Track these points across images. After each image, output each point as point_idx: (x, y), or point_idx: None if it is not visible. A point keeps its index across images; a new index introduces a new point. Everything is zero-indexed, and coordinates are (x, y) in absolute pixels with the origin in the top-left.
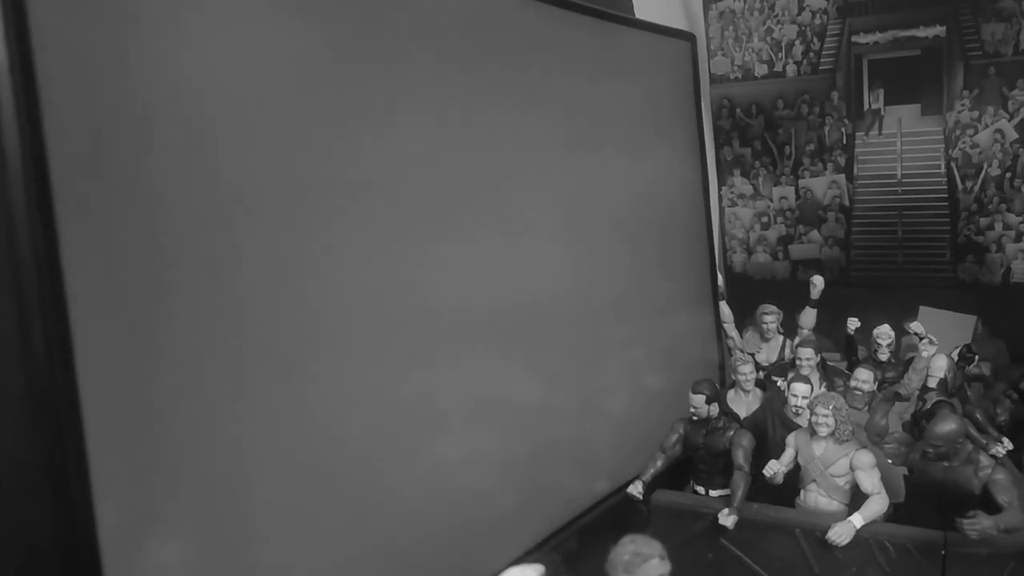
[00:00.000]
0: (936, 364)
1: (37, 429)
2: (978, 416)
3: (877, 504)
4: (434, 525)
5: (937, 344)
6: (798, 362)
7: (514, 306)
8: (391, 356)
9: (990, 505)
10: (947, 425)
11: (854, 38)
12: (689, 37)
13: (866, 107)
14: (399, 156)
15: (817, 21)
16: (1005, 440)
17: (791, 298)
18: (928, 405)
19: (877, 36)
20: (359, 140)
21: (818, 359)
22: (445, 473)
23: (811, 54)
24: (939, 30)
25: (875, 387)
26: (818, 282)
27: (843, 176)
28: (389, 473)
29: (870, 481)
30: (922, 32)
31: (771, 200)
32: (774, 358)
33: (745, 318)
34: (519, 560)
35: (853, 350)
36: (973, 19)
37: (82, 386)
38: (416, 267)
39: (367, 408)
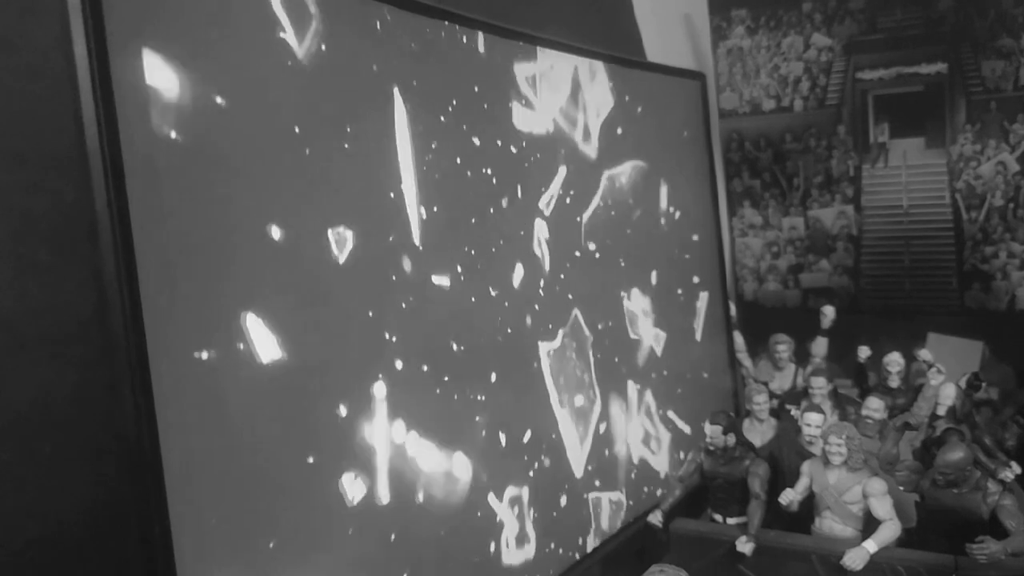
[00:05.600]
0: (945, 392)
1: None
2: (987, 441)
3: (890, 530)
4: (457, 553)
5: (945, 373)
6: (811, 391)
7: (532, 333)
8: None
9: (998, 530)
10: (956, 454)
11: (859, 74)
12: (699, 76)
13: (872, 140)
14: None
15: (823, 58)
16: (1014, 464)
17: (802, 326)
18: (938, 433)
19: (881, 72)
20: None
21: (830, 387)
22: (473, 500)
23: (817, 90)
24: (941, 67)
25: (886, 415)
26: (829, 312)
27: (851, 206)
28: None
29: (883, 508)
30: (924, 69)
31: (781, 230)
32: (787, 386)
33: (756, 346)
34: None
35: (864, 378)
36: (974, 56)
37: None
38: (456, 295)
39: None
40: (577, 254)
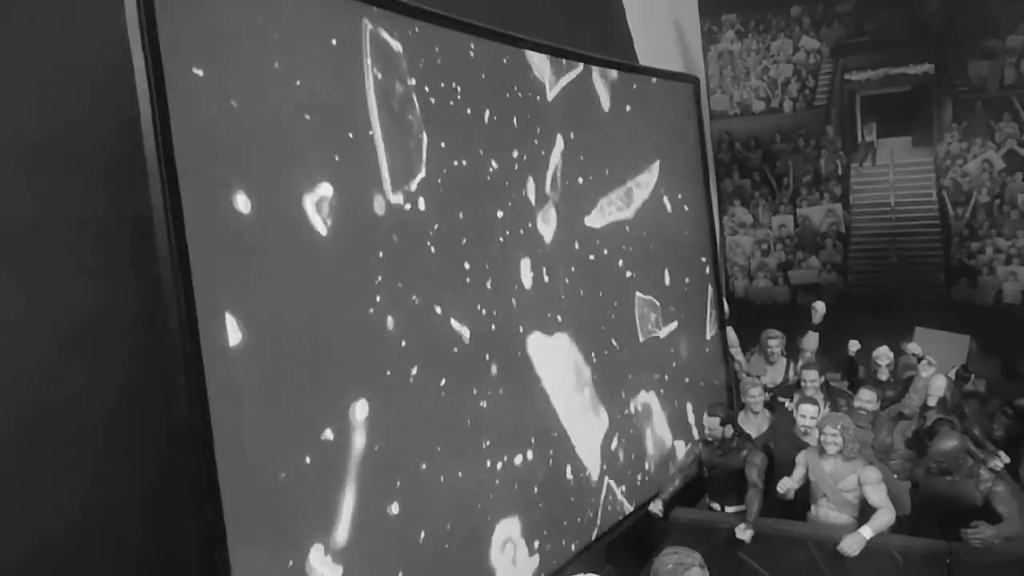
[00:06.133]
0: (935, 384)
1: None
2: (976, 432)
3: (885, 517)
4: (464, 539)
5: (935, 365)
6: (803, 384)
7: (537, 331)
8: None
9: (991, 516)
10: (948, 442)
11: (847, 76)
12: (693, 80)
13: (860, 140)
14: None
15: (811, 60)
16: (1002, 454)
17: (791, 321)
18: (929, 423)
19: (869, 74)
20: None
21: (822, 380)
22: (478, 491)
23: (806, 91)
24: (928, 67)
25: (878, 406)
26: (820, 308)
27: (839, 205)
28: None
29: (878, 495)
30: (912, 69)
31: (771, 228)
32: (779, 380)
33: (747, 342)
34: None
35: (854, 371)
36: (959, 57)
37: None
38: (452, 293)
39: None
40: (580, 252)
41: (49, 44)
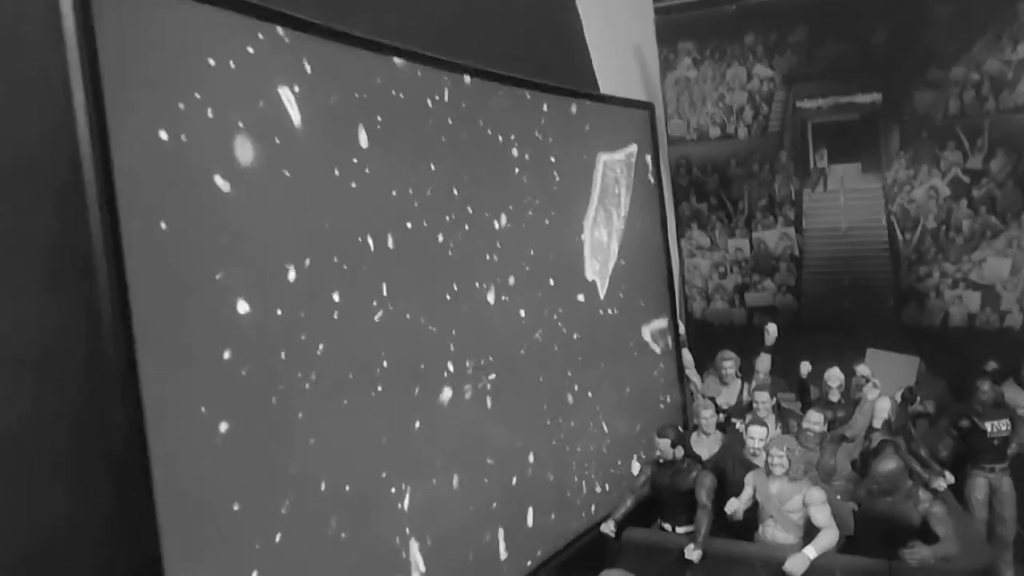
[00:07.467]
0: (880, 406)
1: None
2: (922, 452)
3: (828, 537)
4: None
5: (880, 387)
6: (755, 405)
7: (491, 352)
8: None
9: (930, 536)
10: (888, 464)
11: (799, 103)
12: (648, 106)
13: (811, 166)
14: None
15: (765, 88)
16: (947, 474)
17: (748, 342)
18: (874, 445)
19: (820, 102)
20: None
21: (773, 402)
22: (427, 512)
23: (760, 118)
24: (876, 97)
25: (826, 428)
26: (772, 330)
27: (793, 228)
28: (373, 511)
29: (822, 516)
30: (860, 99)
31: (727, 251)
32: (733, 401)
33: (705, 362)
34: None
35: (806, 391)
36: (906, 87)
37: None
38: (409, 316)
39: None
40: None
41: None
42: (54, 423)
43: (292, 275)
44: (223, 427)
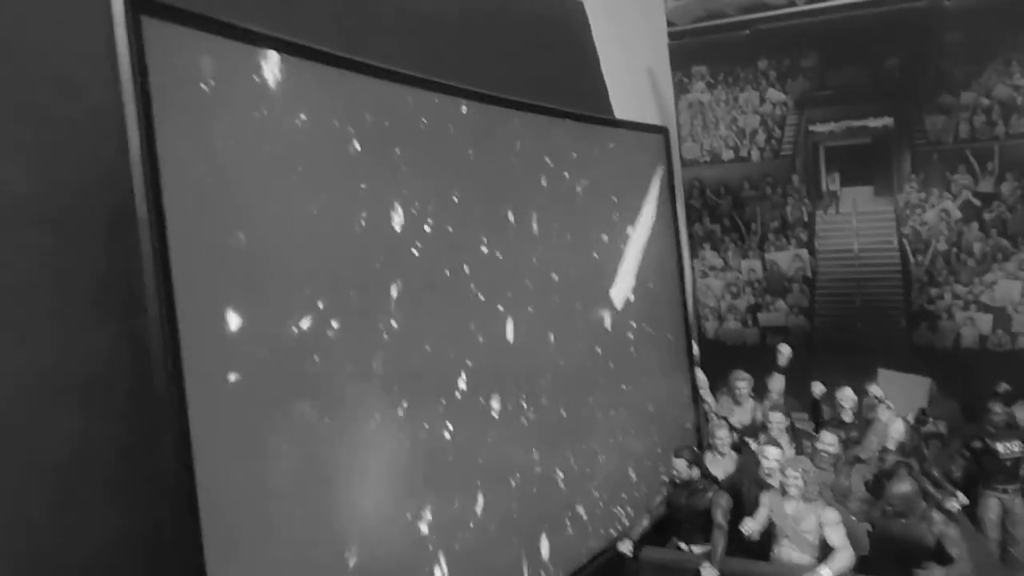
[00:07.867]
0: (894, 427)
1: None
2: (935, 473)
3: (843, 557)
4: None
5: (893, 409)
6: (769, 425)
7: (512, 373)
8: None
9: (944, 557)
10: (903, 487)
11: (811, 127)
12: (662, 130)
13: (824, 188)
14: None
15: (777, 112)
16: (960, 495)
17: (760, 362)
18: (887, 466)
19: (832, 126)
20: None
21: (787, 422)
22: (446, 530)
23: (773, 141)
24: (887, 121)
25: (840, 449)
26: (785, 351)
27: (805, 250)
28: (390, 528)
29: (837, 536)
30: (872, 123)
31: (740, 272)
32: (747, 421)
33: (717, 382)
34: None
35: (819, 412)
36: (918, 112)
37: None
38: (434, 336)
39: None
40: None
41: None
42: (101, 448)
43: (330, 304)
44: (264, 449)
